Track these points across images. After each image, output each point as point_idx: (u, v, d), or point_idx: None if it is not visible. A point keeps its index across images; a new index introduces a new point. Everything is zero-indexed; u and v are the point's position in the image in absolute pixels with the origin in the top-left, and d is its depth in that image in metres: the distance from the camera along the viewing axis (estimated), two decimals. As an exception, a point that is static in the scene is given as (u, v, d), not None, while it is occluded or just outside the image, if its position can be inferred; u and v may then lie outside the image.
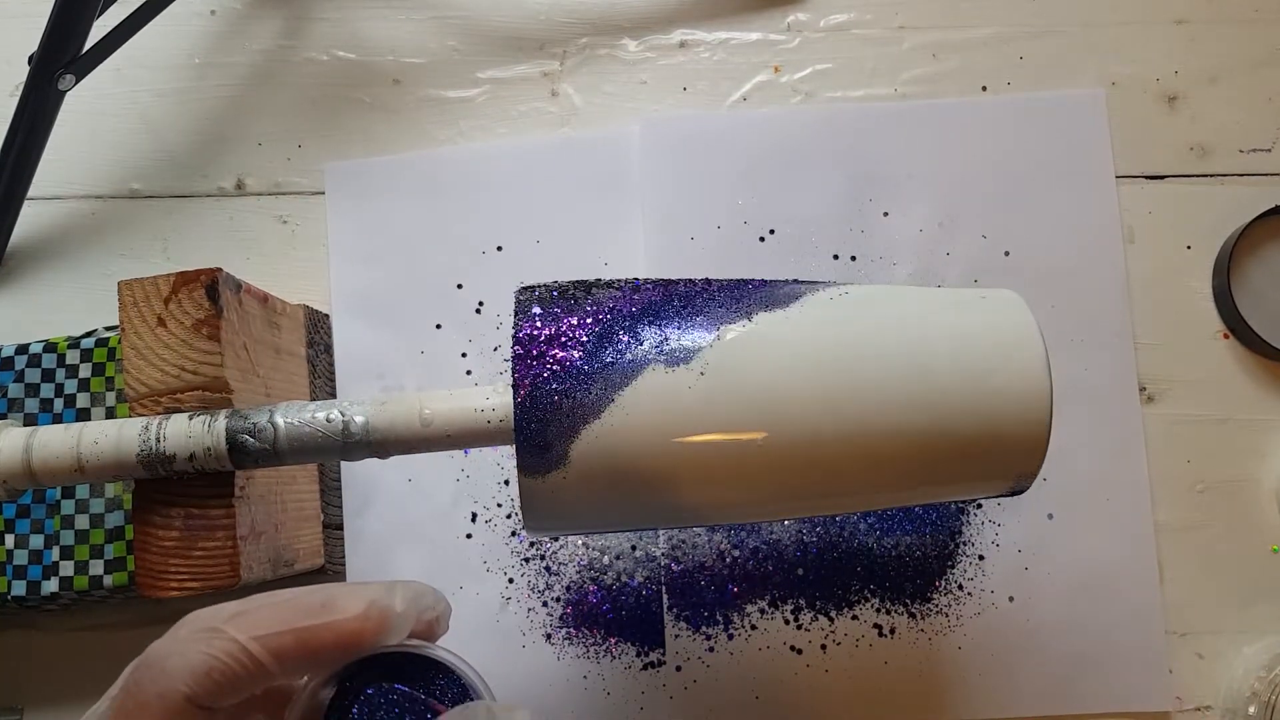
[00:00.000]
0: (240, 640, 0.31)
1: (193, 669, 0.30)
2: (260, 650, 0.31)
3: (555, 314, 0.40)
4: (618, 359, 0.39)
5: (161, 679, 0.30)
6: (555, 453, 0.39)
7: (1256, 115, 0.62)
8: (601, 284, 0.42)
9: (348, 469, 0.59)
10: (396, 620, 0.33)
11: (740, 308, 0.41)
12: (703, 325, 0.40)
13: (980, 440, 0.40)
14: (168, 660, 0.30)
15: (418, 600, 0.34)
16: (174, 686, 0.30)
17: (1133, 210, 0.61)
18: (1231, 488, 0.59)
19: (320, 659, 0.32)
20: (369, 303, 0.61)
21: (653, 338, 0.40)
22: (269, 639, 0.31)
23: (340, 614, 0.32)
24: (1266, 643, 0.57)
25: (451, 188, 0.62)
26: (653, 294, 0.42)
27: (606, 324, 0.40)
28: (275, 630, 0.31)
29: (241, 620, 0.31)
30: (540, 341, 0.40)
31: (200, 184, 0.63)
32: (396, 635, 0.33)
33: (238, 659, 0.30)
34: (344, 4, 0.64)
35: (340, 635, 0.31)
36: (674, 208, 0.61)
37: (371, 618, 0.32)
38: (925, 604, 0.58)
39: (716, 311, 0.41)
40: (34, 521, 0.52)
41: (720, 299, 0.41)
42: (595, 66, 0.64)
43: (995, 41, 0.63)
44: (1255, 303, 0.59)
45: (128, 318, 0.46)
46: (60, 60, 0.54)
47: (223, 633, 0.31)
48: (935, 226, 0.61)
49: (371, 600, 0.32)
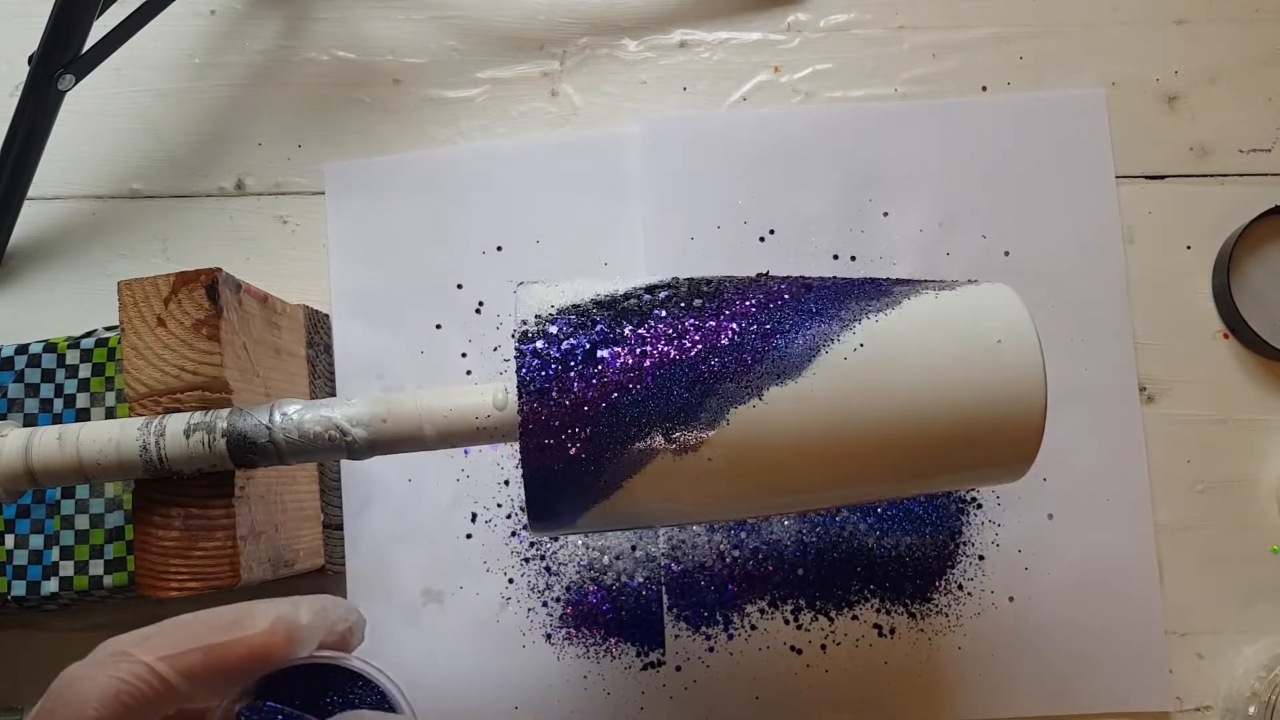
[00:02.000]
0: (147, 662, 0.31)
1: (101, 693, 0.31)
2: (168, 670, 0.31)
3: (564, 388, 0.39)
4: (625, 449, 0.39)
5: (73, 703, 0.30)
6: (564, 520, 0.41)
7: (1256, 115, 0.62)
8: (609, 339, 0.40)
9: (348, 469, 0.59)
10: (303, 633, 0.34)
11: (750, 380, 0.39)
12: (712, 408, 0.39)
13: (980, 430, 0.41)
14: (78, 685, 0.31)
15: (325, 614, 0.35)
16: (83, 712, 0.30)
17: (1133, 210, 0.61)
18: (1231, 488, 0.59)
19: (230, 675, 0.32)
20: (369, 303, 0.61)
21: (661, 425, 0.39)
22: (176, 659, 0.31)
23: (247, 630, 0.33)
24: (1266, 643, 0.57)
25: (451, 188, 0.62)
26: (661, 365, 0.39)
27: (614, 407, 0.39)
28: (182, 650, 0.32)
29: (150, 642, 0.32)
30: (547, 424, 0.39)
31: (200, 184, 0.63)
32: (305, 648, 0.34)
33: (146, 680, 0.31)
34: (344, 4, 0.64)
35: (249, 650, 0.32)
36: (674, 208, 0.61)
37: (278, 632, 0.33)
38: (925, 604, 0.58)
39: (725, 388, 0.39)
40: (34, 521, 0.52)
41: (731, 367, 0.39)
42: (595, 66, 0.64)
43: (995, 41, 0.63)
44: (1255, 303, 0.59)
45: (128, 318, 0.46)
46: (60, 60, 0.54)
47: (130, 655, 0.31)
48: (935, 226, 0.61)
49: (278, 615, 0.33)
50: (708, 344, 0.39)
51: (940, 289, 0.42)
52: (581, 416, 0.39)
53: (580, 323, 0.40)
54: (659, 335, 0.40)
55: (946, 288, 0.42)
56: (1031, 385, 0.40)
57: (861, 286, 0.42)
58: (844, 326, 0.40)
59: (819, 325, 0.40)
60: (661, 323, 0.40)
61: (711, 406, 0.39)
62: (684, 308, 0.41)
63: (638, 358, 0.39)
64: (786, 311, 0.41)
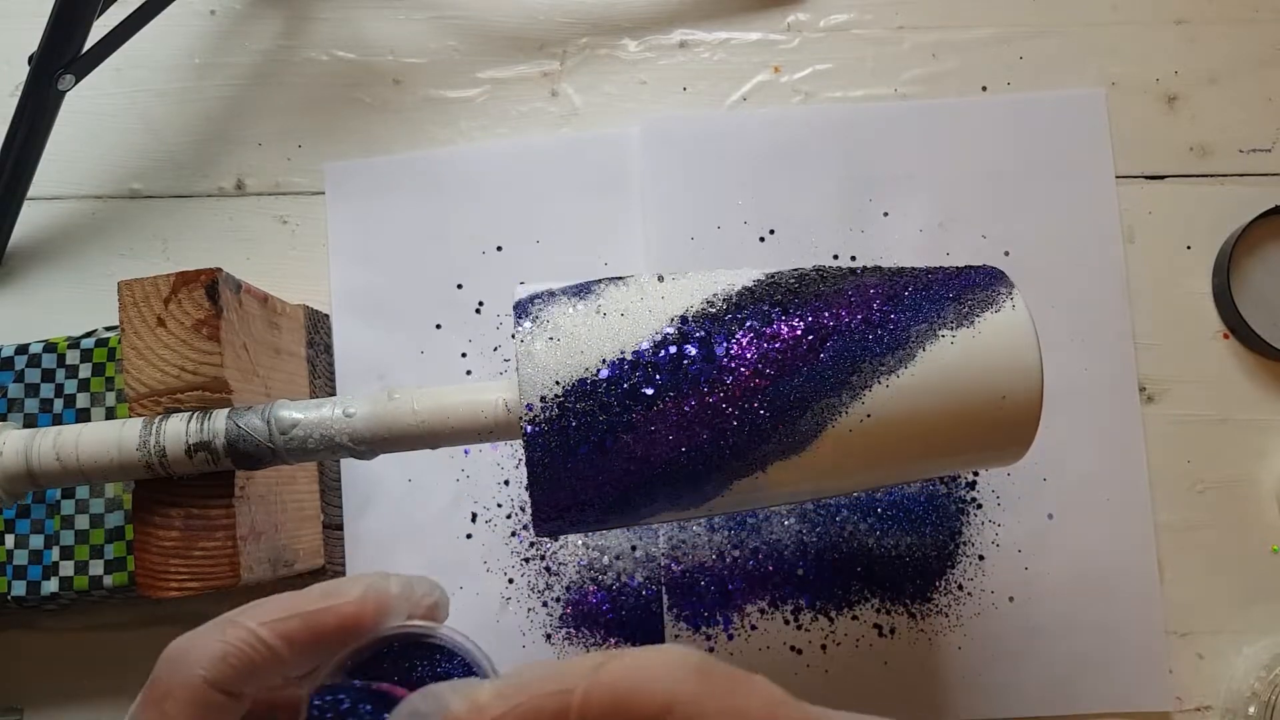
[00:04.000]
0: (251, 626, 0.33)
1: (210, 655, 0.32)
2: (270, 635, 0.33)
3: (572, 475, 0.39)
4: (632, 514, 0.41)
5: (182, 668, 0.32)
6: (566, 527, 0.42)
7: (1256, 115, 0.62)
8: (619, 427, 0.39)
9: (348, 469, 0.59)
10: (392, 603, 0.36)
11: (755, 458, 0.40)
12: (716, 482, 0.40)
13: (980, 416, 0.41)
14: (188, 650, 0.33)
15: (412, 587, 0.37)
16: (194, 673, 0.32)
17: (1133, 210, 0.61)
18: (1231, 488, 0.59)
19: (327, 641, 0.34)
20: (369, 303, 0.61)
21: (668, 500, 0.40)
22: (277, 624, 0.33)
23: (340, 599, 0.34)
24: (1266, 643, 0.57)
25: (451, 188, 0.62)
26: (671, 458, 0.39)
27: (624, 494, 0.40)
28: (282, 616, 0.34)
29: (253, 610, 0.34)
30: (557, 513, 0.40)
31: (200, 184, 0.63)
32: (395, 617, 0.36)
33: (250, 644, 0.33)
34: (344, 4, 0.64)
35: (341, 618, 0.34)
36: (674, 208, 0.61)
37: (369, 601, 0.35)
38: (925, 604, 0.58)
39: (731, 465, 0.40)
40: (34, 521, 0.52)
41: (740, 449, 0.39)
42: (595, 66, 0.64)
43: (995, 41, 0.63)
44: (1255, 303, 0.59)
45: (128, 318, 0.46)
46: (60, 60, 0.54)
47: (236, 621, 0.33)
48: (935, 226, 0.61)
49: (368, 585, 0.35)
50: (715, 430, 0.39)
51: (959, 325, 0.41)
52: (589, 500, 0.40)
53: (589, 408, 0.39)
54: (670, 424, 0.39)
55: (965, 322, 0.41)
56: (1029, 379, 0.41)
57: (877, 339, 0.40)
58: (853, 396, 0.40)
59: (827, 396, 0.39)
60: (669, 411, 0.39)
61: (715, 481, 0.40)
62: (690, 390, 0.39)
63: (646, 448, 0.39)
64: (796, 381, 0.39)
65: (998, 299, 0.42)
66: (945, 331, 0.40)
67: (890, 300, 0.41)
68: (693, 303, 0.41)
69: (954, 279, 0.43)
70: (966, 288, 0.42)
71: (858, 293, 0.41)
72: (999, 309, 0.41)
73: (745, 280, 0.42)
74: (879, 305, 0.41)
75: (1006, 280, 0.43)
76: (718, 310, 0.40)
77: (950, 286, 0.42)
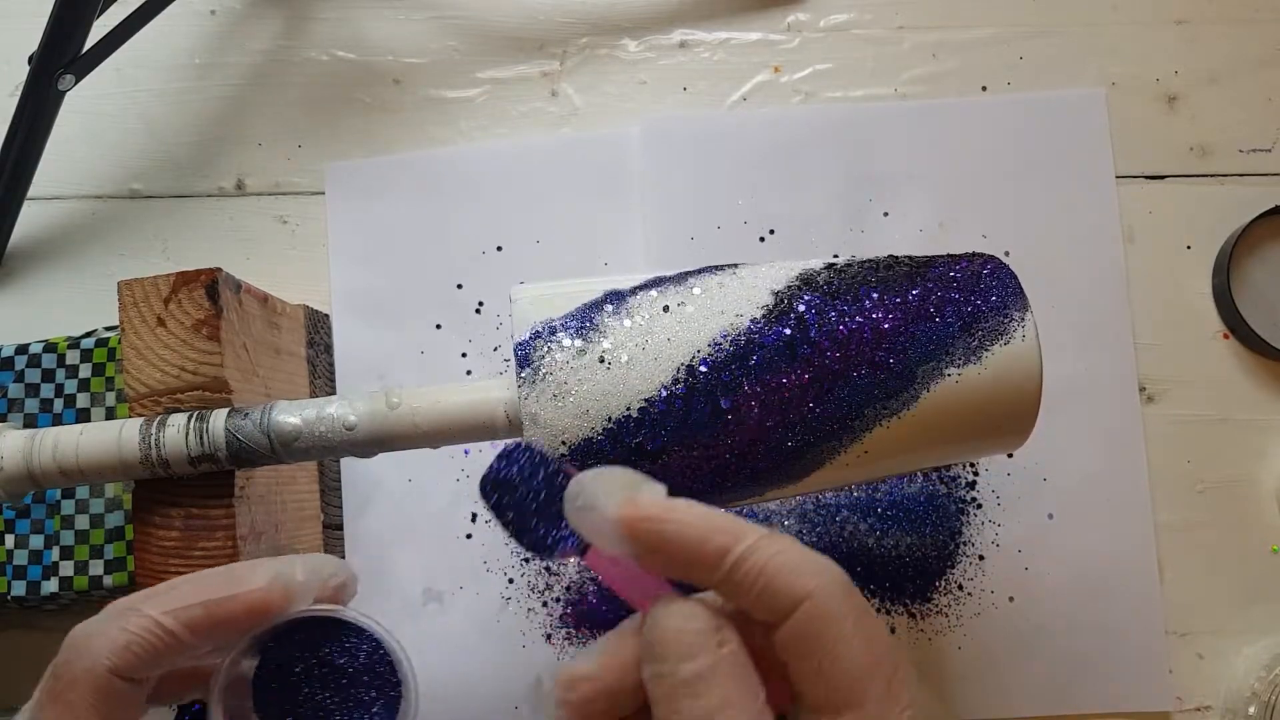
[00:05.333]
0: (154, 615, 0.34)
1: (113, 644, 0.33)
2: (173, 623, 0.34)
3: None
4: None
5: (86, 656, 0.33)
6: None
7: (1256, 115, 0.62)
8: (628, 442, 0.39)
9: (348, 469, 0.59)
10: (299, 588, 0.36)
11: (754, 492, 0.40)
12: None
13: (977, 439, 0.42)
14: (90, 640, 0.33)
15: (319, 569, 0.38)
16: (98, 662, 0.33)
17: (1133, 210, 0.61)
18: (1231, 488, 0.59)
19: (231, 627, 0.35)
20: (369, 303, 0.61)
21: None
22: (179, 612, 0.34)
23: (245, 586, 0.35)
24: (1266, 643, 0.57)
25: (451, 188, 0.62)
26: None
27: None
28: (185, 604, 0.34)
29: (154, 599, 0.34)
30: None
31: (200, 184, 0.63)
32: (302, 601, 0.36)
33: (153, 632, 0.33)
34: (344, 4, 0.64)
35: (247, 605, 0.35)
36: (674, 208, 0.61)
37: (275, 588, 0.35)
38: (925, 604, 0.58)
39: (729, 499, 0.41)
40: (34, 521, 0.52)
41: (736, 490, 0.40)
42: (595, 66, 0.64)
43: (995, 41, 0.63)
44: (1255, 303, 0.59)
45: (128, 318, 0.46)
46: (60, 60, 0.54)
47: (138, 610, 0.34)
48: (935, 226, 0.61)
49: (275, 572, 0.36)
50: (716, 475, 0.39)
51: (966, 362, 0.40)
52: None
53: (594, 461, 0.39)
54: (673, 472, 0.39)
55: (973, 358, 0.40)
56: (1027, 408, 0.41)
57: (882, 384, 0.39)
58: (853, 439, 0.40)
59: (828, 441, 0.39)
60: (673, 463, 0.39)
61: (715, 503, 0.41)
62: (694, 442, 0.39)
63: None
64: (798, 430, 0.39)
65: (1009, 327, 0.40)
66: (952, 370, 0.40)
67: (897, 336, 0.40)
68: (699, 346, 0.39)
69: (969, 292, 0.41)
70: (979, 312, 0.41)
71: (869, 329, 0.40)
72: (1009, 340, 0.40)
73: (754, 311, 0.40)
74: (885, 347, 0.39)
75: (1020, 296, 0.41)
76: (724, 357, 0.39)
77: (962, 308, 0.41)
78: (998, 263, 0.42)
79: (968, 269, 0.42)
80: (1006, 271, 0.42)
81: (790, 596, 0.28)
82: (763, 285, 0.41)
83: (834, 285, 0.41)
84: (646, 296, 0.41)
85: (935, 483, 0.59)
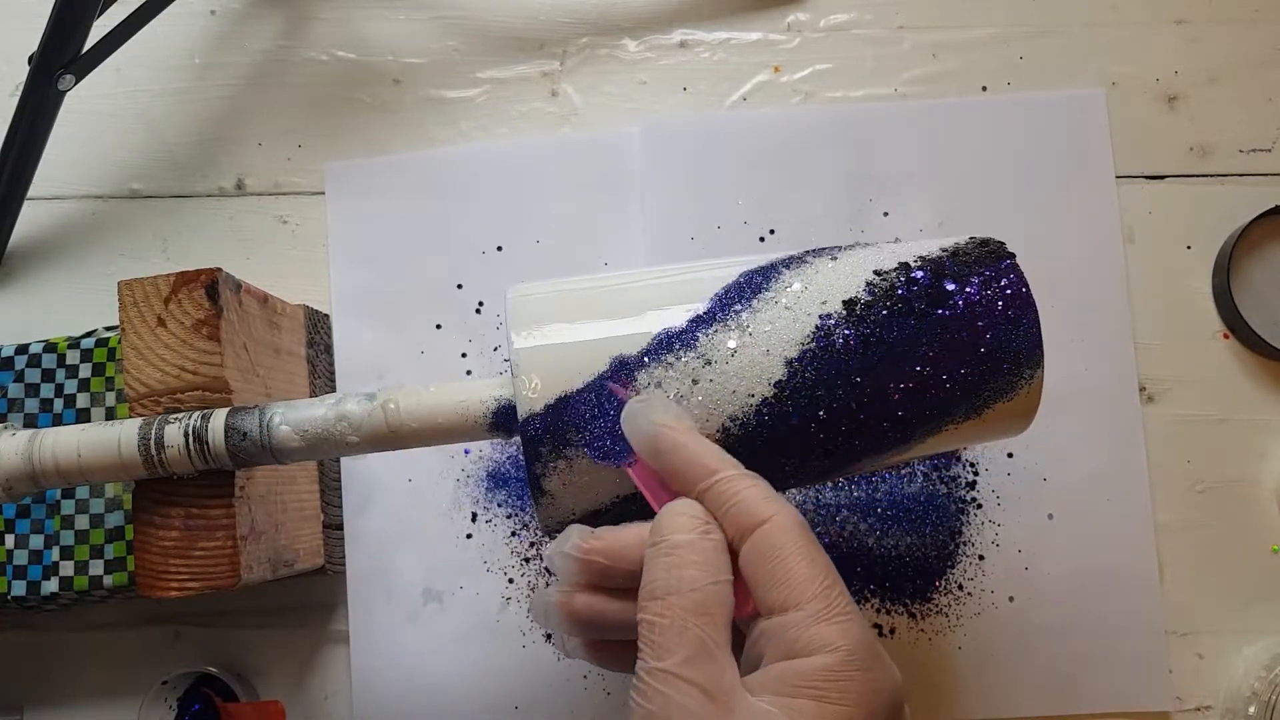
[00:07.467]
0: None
1: None
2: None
3: None
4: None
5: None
6: None
7: (1256, 115, 0.62)
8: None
9: (348, 469, 0.59)
10: None
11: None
12: None
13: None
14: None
15: None
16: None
17: (1133, 210, 0.61)
18: (1231, 488, 0.59)
19: None
20: (369, 303, 0.61)
21: None
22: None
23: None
24: (1266, 643, 0.57)
25: (451, 188, 0.62)
26: None
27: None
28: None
29: None
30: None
31: (200, 184, 0.63)
32: None
33: None
34: (344, 4, 0.64)
35: None
36: (674, 208, 0.61)
37: None
38: (925, 604, 0.58)
39: None
40: (34, 521, 0.52)
41: None
42: (595, 66, 0.64)
43: (995, 41, 0.63)
44: (1255, 303, 0.59)
45: (128, 318, 0.46)
46: (60, 60, 0.54)
47: None
48: (935, 226, 0.61)
49: None
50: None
51: (966, 417, 0.40)
52: None
53: None
54: None
55: (974, 414, 0.40)
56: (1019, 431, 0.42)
57: (885, 446, 0.40)
58: (842, 475, 0.43)
59: (818, 481, 0.41)
60: None
61: None
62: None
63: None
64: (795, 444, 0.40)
65: (1016, 386, 0.40)
66: (950, 426, 0.40)
67: (909, 420, 0.39)
68: (708, 431, 0.38)
69: (986, 354, 0.39)
70: (991, 374, 0.40)
71: (886, 416, 0.39)
72: (1012, 398, 0.40)
73: (765, 389, 0.38)
74: (894, 427, 0.39)
75: (1037, 352, 0.40)
76: (734, 438, 0.38)
77: (974, 379, 0.39)
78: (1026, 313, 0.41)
79: (994, 343, 0.40)
80: (1032, 326, 0.41)
81: (754, 517, 0.34)
82: (781, 367, 0.39)
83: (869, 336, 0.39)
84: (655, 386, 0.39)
85: (935, 483, 0.59)
